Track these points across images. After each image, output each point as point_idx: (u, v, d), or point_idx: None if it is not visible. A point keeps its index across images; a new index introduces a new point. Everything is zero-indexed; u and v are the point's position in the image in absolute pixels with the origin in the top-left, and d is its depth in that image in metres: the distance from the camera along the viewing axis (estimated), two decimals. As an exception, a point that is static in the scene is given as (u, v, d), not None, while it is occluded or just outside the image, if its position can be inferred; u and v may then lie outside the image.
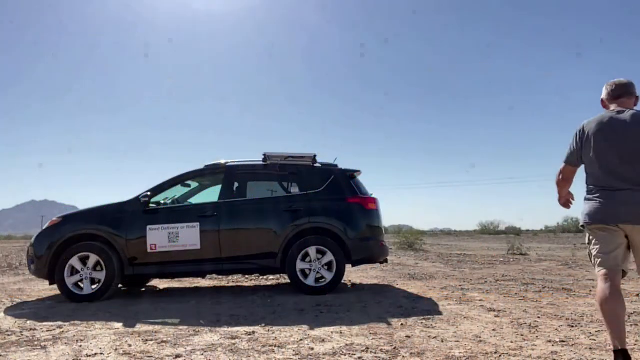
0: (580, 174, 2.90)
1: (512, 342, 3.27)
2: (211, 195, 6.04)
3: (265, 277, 7.37)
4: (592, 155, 2.68)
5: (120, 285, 5.94)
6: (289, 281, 5.60)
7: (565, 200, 3.00)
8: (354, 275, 7.63)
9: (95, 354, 3.05)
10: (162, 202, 5.81)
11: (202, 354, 3.01)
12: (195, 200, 6.20)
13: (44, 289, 6.41)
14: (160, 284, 7.00)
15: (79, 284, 5.26)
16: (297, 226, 5.50)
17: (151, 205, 5.56)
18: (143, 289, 6.46)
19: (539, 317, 4.12)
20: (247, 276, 7.33)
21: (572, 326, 3.77)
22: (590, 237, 2.77)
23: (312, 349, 3.11)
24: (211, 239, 5.38)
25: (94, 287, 5.25)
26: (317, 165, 6.00)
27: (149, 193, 5.52)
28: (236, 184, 5.91)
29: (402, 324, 3.85)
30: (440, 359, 2.88)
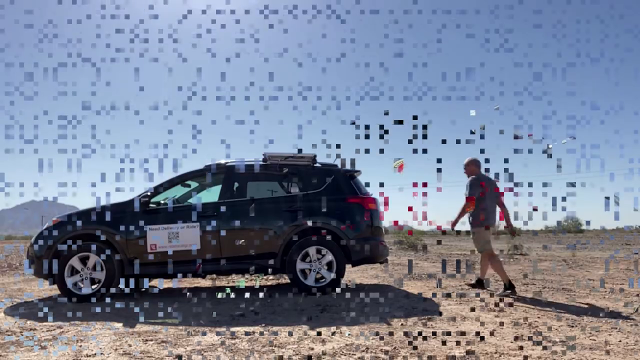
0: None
1: (512, 342, 3.27)
2: (211, 195, 6.04)
3: (265, 277, 7.36)
4: (486, 193, 5.45)
5: (120, 285, 5.93)
6: (289, 281, 5.60)
7: (454, 223, 5.66)
8: (354, 275, 7.63)
9: (95, 354, 3.05)
10: (162, 202, 5.81)
11: (202, 354, 3.01)
12: (195, 200, 6.20)
13: (44, 289, 6.41)
14: (160, 284, 7.00)
15: (79, 283, 5.26)
16: (297, 226, 5.50)
17: (151, 205, 5.56)
18: (143, 289, 6.45)
19: (539, 317, 4.13)
20: (247, 276, 7.33)
21: (572, 326, 3.77)
22: (484, 231, 5.53)
23: (312, 349, 3.11)
24: (211, 239, 5.38)
25: (94, 287, 5.25)
26: (317, 165, 6.00)
27: (149, 193, 5.53)
28: (236, 184, 5.90)
29: (402, 324, 3.85)
30: (440, 359, 2.88)
